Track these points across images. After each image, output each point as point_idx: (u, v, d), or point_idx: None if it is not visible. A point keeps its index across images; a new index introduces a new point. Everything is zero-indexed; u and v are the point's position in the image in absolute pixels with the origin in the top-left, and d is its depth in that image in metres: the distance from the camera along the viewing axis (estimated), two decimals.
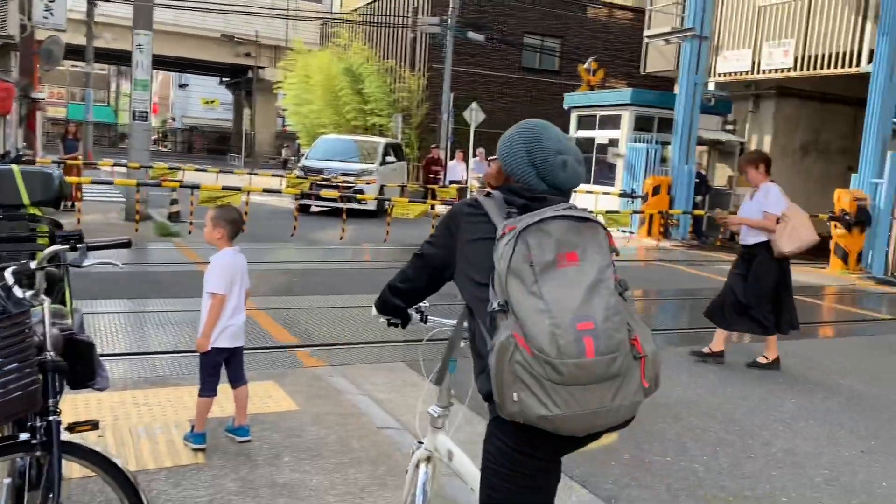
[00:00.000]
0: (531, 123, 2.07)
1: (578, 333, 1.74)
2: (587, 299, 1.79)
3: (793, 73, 14.47)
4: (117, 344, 5.65)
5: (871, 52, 12.74)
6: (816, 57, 13.89)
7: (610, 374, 1.78)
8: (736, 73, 15.63)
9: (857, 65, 13.11)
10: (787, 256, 5.95)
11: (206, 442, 3.74)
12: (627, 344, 1.82)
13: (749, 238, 6.05)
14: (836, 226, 12.74)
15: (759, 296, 5.97)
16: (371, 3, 30.15)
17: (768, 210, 5.87)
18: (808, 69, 14.08)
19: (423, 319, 2.51)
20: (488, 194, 2.06)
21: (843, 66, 13.39)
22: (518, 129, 2.07)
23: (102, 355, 5.21)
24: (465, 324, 2.13)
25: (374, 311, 2.46)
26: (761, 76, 15.17)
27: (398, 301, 2.35)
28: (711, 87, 16.45)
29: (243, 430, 3.87)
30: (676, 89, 16.84)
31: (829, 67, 13.68)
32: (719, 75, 15.94)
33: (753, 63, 15.11)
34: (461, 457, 2.31)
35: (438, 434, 2.43)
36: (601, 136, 18.59)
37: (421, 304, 2.46)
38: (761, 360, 6.15)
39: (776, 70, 14.70)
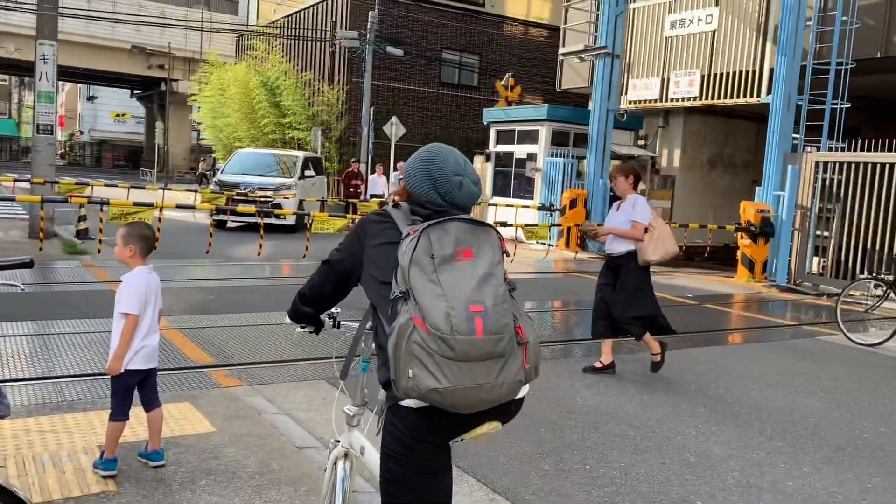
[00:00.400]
0: (432, 148, 2.28)
1: (471, 314, 1.94)
2: (479, 287, 1.99)
3: (698, 102, 15.12)
4: (20, 368, 5.37)
5: (771, 79, 13.43)
6: (720, 81, 14.52)
7: (496, 352, 1.97)
8: (645, 101, 16.24)
9: (758, 95, 13.80)
10: (650, 264, 6.11)
11: (116, 468, 3.59)
12: (512, 329, 2.01)
13: (616, 247, 6.19)
14: (742, 236, 13.32)
15: (630, 301, 6.11)
16: (288, 15, 29.87)
17: (637, 219, 6.03)
18: (712, 98, 14.74)
19: (336, 325, 2.64)
20: (396, 205, 2.28)
21: (744, 97, 14.09)
22: (420, 154, 2.28)
23: (2, 381, 4.96)
24: (369, 324, 2.34)
25: (287, 319, 2.61)
26: (669, 104, 15.82)
27: (308, 308, 2.51)
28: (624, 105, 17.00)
29: (157, 454, 3.74)
30: (591, 106, 17.31)
31: (731, 97, 14.36)
32: (630, 102, 16.53)
33: (662, 91, 15.70)
34: (372, 452, 2.40)
35: (354, 431, 2.53)
36: (519, 150, 18.91)
37: (333, 310, 2.59)
38: (655, 358, 6.24)
39: (683, 98, 15.34)
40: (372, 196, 19.87)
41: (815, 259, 13.13)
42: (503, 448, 4.42)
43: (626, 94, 16.50)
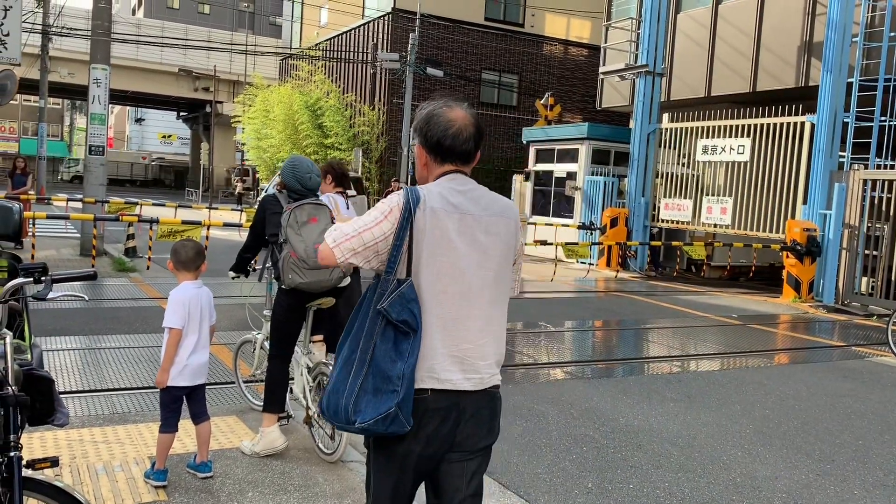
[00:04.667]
0: (293, 158, 4.32)
1: (314, 249, 3.79)
2: (319, 236, 3.87)
3: (731, 231, 14.73)
4: (74, 381, 5.53)
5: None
6: (753, 214, 14.19)
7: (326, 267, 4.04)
8: (678, 222, 15.84)
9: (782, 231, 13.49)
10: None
11: (167, 479, 3.67)
12: None
13: None
14: (787, 255, 13.08)
15: None
16: (331, 38, 30.37)
17: None
18: (745, 229, 14.37)
19: (253, 269, 4.77)
20: (280, 192, 4.33)
21: (777, 232, 13.73)
22: (287, 163, 4.28)
23: (60, 393, 5.08)
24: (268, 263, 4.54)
25: (231, 274, 4.72)
26: (702, 227, 15.53)
27: (248, 255, 4.63)
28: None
29: (205, 465, 3.82)
30: (632, 124, 17.23)
31: (763, 231, 14.01)
32: (662, 221, 16.11)
33: (694, 215, 15.38)
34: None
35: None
36: (559, 169, 18.90)
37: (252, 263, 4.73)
38: None
39: (716, 225, 15.03)
40: None
41: (864, 279, 12.83)
42: (546, 466, 4.41)
43: (657, 211, 16.25)
